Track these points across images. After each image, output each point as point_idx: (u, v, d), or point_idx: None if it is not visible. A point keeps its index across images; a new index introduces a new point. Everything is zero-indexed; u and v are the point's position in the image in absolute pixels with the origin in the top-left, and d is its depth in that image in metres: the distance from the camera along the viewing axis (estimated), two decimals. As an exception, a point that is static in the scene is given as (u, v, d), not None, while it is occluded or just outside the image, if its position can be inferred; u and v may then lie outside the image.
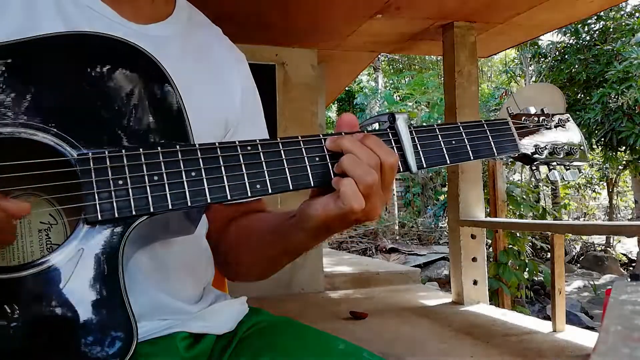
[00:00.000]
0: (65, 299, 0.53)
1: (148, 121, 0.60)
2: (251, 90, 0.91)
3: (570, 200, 13.51)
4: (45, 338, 0.53)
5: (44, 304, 0.53)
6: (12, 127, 0.55)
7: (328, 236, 0.71)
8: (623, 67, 8.91)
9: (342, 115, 0.68)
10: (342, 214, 0.61)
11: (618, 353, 0.33)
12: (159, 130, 0.60)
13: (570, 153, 0.84)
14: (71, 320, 0.53)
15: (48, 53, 0.58)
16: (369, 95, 14.34)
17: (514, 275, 5.03)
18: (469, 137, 0.75)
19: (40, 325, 0.53)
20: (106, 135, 0.58)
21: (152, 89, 0.61)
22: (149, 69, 0.62)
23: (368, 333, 3.57)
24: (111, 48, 0.61)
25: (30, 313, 0.52)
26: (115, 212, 0.55)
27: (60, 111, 0.57)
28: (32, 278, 0.53)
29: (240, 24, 4.31)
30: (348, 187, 0.60)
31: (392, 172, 0.64)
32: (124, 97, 0.60)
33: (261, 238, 0.80)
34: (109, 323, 0.54)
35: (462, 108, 4.36)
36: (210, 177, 0.59)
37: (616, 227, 3.80)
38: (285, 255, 0.78)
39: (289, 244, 0.74)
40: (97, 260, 0.55)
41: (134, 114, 0.60)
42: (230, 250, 0.85)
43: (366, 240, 11.58)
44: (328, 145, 0.64)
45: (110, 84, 0.59)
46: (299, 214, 0.68)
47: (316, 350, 0.74)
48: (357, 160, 0.61)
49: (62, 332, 0.53)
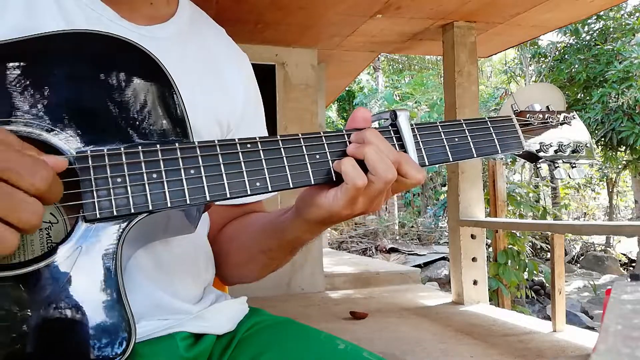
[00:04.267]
0: (63, 297, 0.53)
1: (149, 121, 0.60)
2: (253, 92, 0.90)
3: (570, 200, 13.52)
4: (44, 336, 0.52)
5: (43, 302, 0.53)
6: (14, 126, 0.55)
7: (325, 229, 0.72)
8: (623, 66, 8.93)
9: (359, 108, 0.68)
10: (350, 199, 0.62)
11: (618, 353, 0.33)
12: (159, 130, 0.60)
13: (577, 151, 0.82)
14: (69, 318, 0.53)
15: (49, 52, 0.58)
16: (369, 95, 14.35)
17: (514, 275, 5.04)
18: (472, 134, 0.74)
19: (39, 323, 0.52)
20: (106, 134, 0.58)
21: (153, 89, 0.61)
22: (150, 68, 0.62)
23: (368, 333, 3.57)
24: (113, 47, 0.61)
25: (28, 311, 0.52)
26: (113, 210, 0.55)
27: (61, 110, 0.57)
28: (31, 276, 0.53)
29: (240, 24, 4.31)
30: (349, 167, 0.61)
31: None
32: (124, 96, 0.60)
33: (253, 235, 0.81)
34: (107, 321, 0.54)
35: (462, 108, 4.36)
36: (209, 175, 0.59)
37: (616, 227, 3.79)
38: (280, 251, 0.78)
39: (283, 238, 0.75)
40: (96, 258, 0.55)
41: (134, 113, 0.60)
42: (221, 250, 0.85)
43: (366, 240, 11.58)
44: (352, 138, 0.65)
45: (111, 83, 0.59)
46: (301, 204, 0.68)
47: (316, 350, 0.74)
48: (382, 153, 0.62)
49: (60, 330, 0.53)
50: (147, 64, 0.62)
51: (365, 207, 0.64)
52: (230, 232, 0.86)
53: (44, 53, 0.58)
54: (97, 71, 0.59)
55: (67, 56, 0.59)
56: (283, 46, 5.00)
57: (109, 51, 0.60)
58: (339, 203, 0.63)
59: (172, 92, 0.62)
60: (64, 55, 0.59)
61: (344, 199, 0.62)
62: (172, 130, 0.61)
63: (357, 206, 0.64)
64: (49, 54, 0.58)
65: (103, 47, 0.60)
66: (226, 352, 0.76)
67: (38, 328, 0.52)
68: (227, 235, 0.86)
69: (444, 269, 9.21)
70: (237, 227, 0.86)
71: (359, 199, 0.63)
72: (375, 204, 0.65)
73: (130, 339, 0.54)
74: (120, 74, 0.60)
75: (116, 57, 0.61)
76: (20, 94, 0.55)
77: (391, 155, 0.63)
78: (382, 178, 0.61)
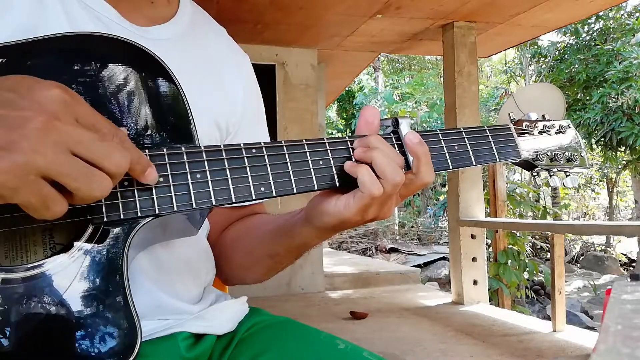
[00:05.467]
0: (69, 299, 0.53)
1: (154, 123, 0.60)
2: (254, 92, 0.90)
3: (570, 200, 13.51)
4: (49, 339, 0.52)
5: (48, 304, 0.53)
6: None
7: (335, 234, 0.72)
8: (623, 67, 8.92)
9: (366, 107, 0.69)
10: (362, 207, 0.63)
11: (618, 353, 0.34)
12: (165, 134, 0.61)
13: (571, 160, 0.84)
14: (75, 320, 0.53)
15: (53, 54, 0.58)
16: (369, 95, 14.33)
17: (514, 275, 5.03)
18: (471, 142, 0.75)
19: (44, 325, 0.52)
20: None
21: (158, 91, 0.61)
22: (154, 70, 0.62)
23: (368, 333, 3.58)
24: (117, 49, 0.61)
25: (34, 312, 0.52)
26: (120, 213, 0.55)
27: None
28: (36, 278, 0.53)
29: (240, 24, 4.31)
30: (366, 175, 0.62)
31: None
32: (130, 99, 0.60)
33: (259, 239, 0.81)
34: (113, 324, 0.54)
35: (462, 108, 4.36)
36: (215, 180, 0.59)
37: (616, 227, 3.79)
38: (287, 255, 0.78)
39: (292, 243, 0.75)
40: (102, 261, 0.55)
41: (139, 115, 0.60)
42: (224, 252, 0.85)
43: (366, 240, 11.57)
44: (355, 144, 0.65)
45: (115, 86, 0.59)
46: (312, 210, 0.68)
47: (316, 350, 0.74)
48: (389, 157, 0.63)
49: (66, 333, 0.53)
50: (153, 66, 0.62)
51: (376, 213, 0.65)
52: (233, 235, 0.86)
53: (48, 55, 0.58)
54: (101, 74, 0.59)
55: (71, 58, 0.59)
56: (283, 46, 5.00)
57: (113, 53, 0.60)
58: (351, 210, 0.63)
59: (179, 96, 0.62)
60: (68, 57, 0.59)
61: (356, 207, 0.63)
62: (178, 133, 0.61)
63: (369, 213, 0.64)
64: (53, 56, 0.58)
65: (108, 50, 0.60)
66: (226, 352, 0.76)
67: (43, 331, 0.52)
68: (230, 237, 0.86)
69: (444, 269, 9.21)
70: (240, 229, 0.87)
71: (372, 207, 0.63)
72: (384, 209, 0.65)
73: (136, 342, 0.54)
74: (124, 77, 0.60)
75: (120, 59, 0.60)
76: None
77: (397, 159, 0.64)
78: (391, 181, 0.62)
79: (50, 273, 0.53)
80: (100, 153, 0.49)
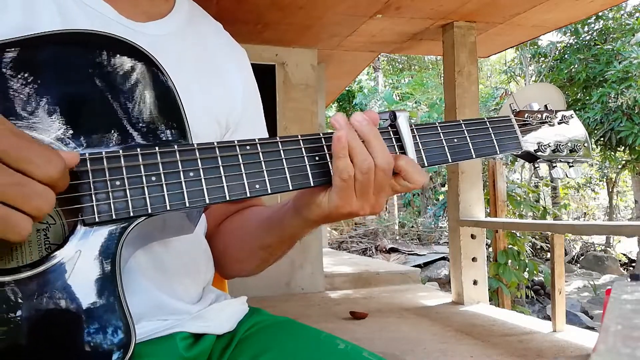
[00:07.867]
0: (63, 300, 0.53)
1: (146, 120, 0.60)
2: (252, 88, 0.90)
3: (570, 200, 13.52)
4: (43, 340, 0.52)
5: (42, 305, 0.52)
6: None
7: (325, 223, 0.72)
8: (623, 66, 8.93)
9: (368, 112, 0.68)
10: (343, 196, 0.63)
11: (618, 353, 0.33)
12: (157, 131, 0.60)
13: (574, 150, 0.82)
14: (69, 321, 0.53)
15: (46, 52, 0.58)
16: (369, 95, 14.34)
17: (514, 275, 5.04)
18: (471, 134, 0.74)
19: (38, 327, 0.52)
20: (103, 136, 0.57)
21: (150, 88, 0.61)
22: (147, 67, 0.61)
23: (368, 333, 3.57)
24: (110, 47, 0.60)
25: (28, 314, 0.52)
26: (112, 213, 0.55)
27: (59, 111, 0.56)
28: (30, 280, 0.52)
29: (241, 24, 4.31)
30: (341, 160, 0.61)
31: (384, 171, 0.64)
32: (121, 97, 0.59)
33: (252, 231, 0.81)
34: (107, 325, 0.54)
35: (462, 108, 4.36)
36: (208, 178, 0.58)
37: (616, 227, 3.79)
38: (280, 246, 0.79)
39: (283, 234, 0.75)
40: (95, 261, 0.55)
41: (131, 114, 0.59)
42: (220, 246, 0.85)
43: (366, 240, 11.58)
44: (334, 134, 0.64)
45: (107, 83, 0.59)
46: (299, 201, 0.68)
47: (316, 350, 0.74)
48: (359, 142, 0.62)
49: (60, 334, 0.53)
50: (146, 64, 0.61)
51: (361, 205, 0.64)
52: (228, 228, 0.86)
53: (41, 53, 0.58)
54: (93, 71, 0.59)
55: (65, 56, 0.58)
56: (283, 46, 5.00)
57: (106, 51, 0.60)
58: (333, 201, 0.64)
59: (171, 93, 0.62)
60: (62, 55, 0.58)
61: (336, 196, 0.63)
62: (171, 131, 0.61)
63: (353, 204, 0.64)
64: (46, 54, 0.58)
65: (100, 47, 0.60)
66: (226, 352, 0.76)
67: (37, 333, 0.52)
68: (226, 230, 0.86)
69: (444, 269, 9.21)
70: (235, 223, 0.87)
71: (352, 197, 0.63)
72: (372, 201, 0.65)
73: (130, 343, 0.54)
74: (117, 74, 0.59)
75: (113, 57, 0.60)
76: (15, 93, 0.55)
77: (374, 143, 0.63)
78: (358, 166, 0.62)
79: (43, 275, 0.53)
80: (20, 199, 0.48)
